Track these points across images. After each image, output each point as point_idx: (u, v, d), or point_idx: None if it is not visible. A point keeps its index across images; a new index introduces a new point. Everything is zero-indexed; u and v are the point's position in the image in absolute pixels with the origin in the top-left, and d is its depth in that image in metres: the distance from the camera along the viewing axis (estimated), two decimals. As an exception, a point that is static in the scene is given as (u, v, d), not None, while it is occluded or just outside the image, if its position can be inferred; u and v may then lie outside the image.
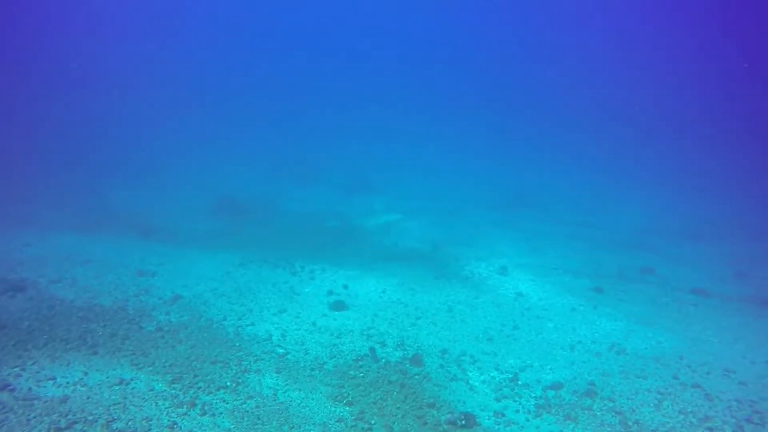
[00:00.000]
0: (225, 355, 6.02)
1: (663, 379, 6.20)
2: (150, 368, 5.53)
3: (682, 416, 5.44)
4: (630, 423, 5.26)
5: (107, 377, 5.26)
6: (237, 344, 6.34)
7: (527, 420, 5.27)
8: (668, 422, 5.32)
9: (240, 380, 5.51)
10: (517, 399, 5.68)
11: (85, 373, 5.29)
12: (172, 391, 5.12)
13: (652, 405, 5.63)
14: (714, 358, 6.86)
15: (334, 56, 58.77)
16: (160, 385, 5.23)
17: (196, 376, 5.46)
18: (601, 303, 8.70)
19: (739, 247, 14.38)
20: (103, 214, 12.76)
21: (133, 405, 4.82)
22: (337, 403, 5.28)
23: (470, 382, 5.98)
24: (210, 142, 28.59)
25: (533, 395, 5.77)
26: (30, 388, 4.92)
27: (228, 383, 5.41)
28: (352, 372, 5.94)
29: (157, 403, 4.91)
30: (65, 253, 9.30)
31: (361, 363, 6.17)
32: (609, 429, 5.16)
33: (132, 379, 5.27)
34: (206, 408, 4.92)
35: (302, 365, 6.04)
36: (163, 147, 26.27)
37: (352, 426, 4.90)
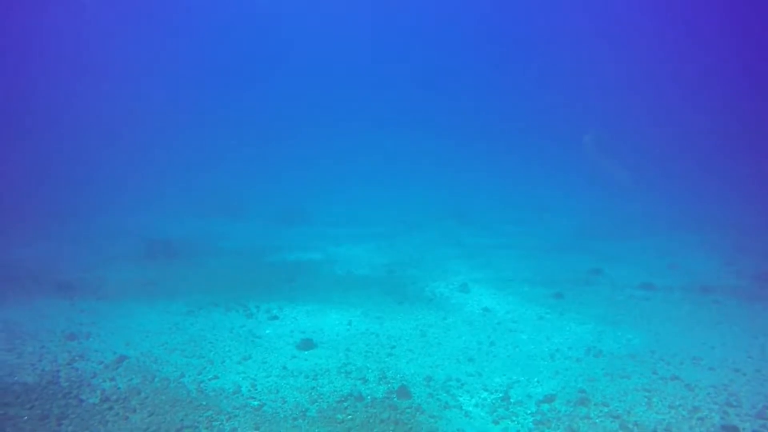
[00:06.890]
0: (192, 418, 5.23)
1: (645, 376, 6.30)
2: (102, 448, 4.64)
3: (672, 410, 5.51)
4: (630, 425, 5.22)
5: (49, 469, 4.30)
6: (203, 403, 5.56)
7: (532, 439, 5.06)
8: (663, 419, 5.35)
9: (216, 445, 4.78)
10: (514, 418, 5.45)
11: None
12: (137, 473, 4.30)
13: (643, 404, 5.66)
14: (680, 348, 7.13)
15: (255, 83, 57.15)
16: (121, 467, 4.37)
17: (162, 449, 4.65)
18: (566, 309, 8.84)
19: (662, 240, 15.58)
20: (3, 272, 10.98)
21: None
22: (332, 453, 4.74)
23: (464, 407, 5.68)
24: (124, 179, 26.38)
25: (529, 412, 5.57)
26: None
27: (203, 451, 4.67)
28: (339, 416, 5.41)
29: (121, 490, 4.07)
30: (-35, 324, 7.81)
31: (346, 404, 5.66)
32: (613, 435, 5.08)
33: (82, 467, 4.35)
34: (184, 486, 4.17)
35: (282, 416, 5.41)
36: (67, 187, 23.84)
37: (355, 478, 4.39)
